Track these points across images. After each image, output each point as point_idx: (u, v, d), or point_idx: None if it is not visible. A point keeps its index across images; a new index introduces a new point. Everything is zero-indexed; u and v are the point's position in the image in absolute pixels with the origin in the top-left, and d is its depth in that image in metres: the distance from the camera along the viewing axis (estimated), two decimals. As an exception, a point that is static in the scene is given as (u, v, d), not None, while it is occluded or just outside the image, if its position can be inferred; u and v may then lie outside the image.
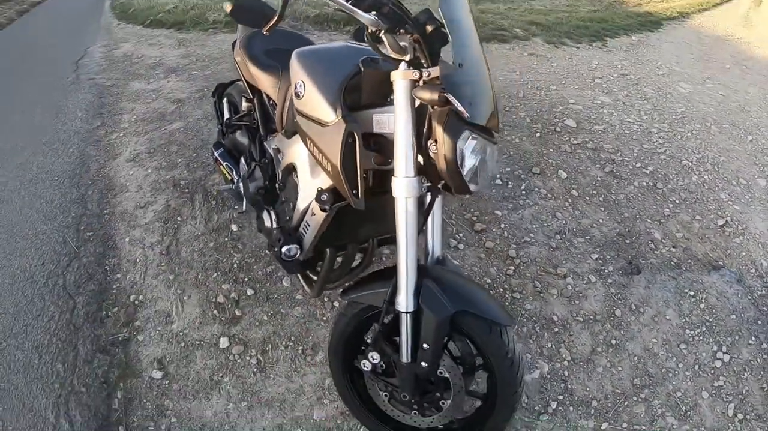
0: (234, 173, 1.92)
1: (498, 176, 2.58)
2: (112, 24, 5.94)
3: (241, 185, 1.80)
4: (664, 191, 2.52)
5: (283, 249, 1.31)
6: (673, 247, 2.17)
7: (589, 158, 2.75)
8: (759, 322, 1.87)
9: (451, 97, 0.91)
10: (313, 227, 1.26)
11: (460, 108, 0.91)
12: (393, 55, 1.00)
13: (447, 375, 1.18)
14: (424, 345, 1.10)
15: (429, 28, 0.95)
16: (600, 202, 2.43)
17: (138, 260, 2.09)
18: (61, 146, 2.95)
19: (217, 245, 2.14)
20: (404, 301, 1.09)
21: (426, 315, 1.08)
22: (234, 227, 2.22)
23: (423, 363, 1.11)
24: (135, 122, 3.27)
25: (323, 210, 1.19)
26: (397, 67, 1.02)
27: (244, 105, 1.94)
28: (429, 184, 1.10)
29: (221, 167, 2.01)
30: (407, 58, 1.00)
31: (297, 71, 1.25)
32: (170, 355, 1.68)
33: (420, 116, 1.02)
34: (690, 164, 2.78)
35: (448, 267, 1.24)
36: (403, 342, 1.12)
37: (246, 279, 1.97)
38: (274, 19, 0.98)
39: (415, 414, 1.26)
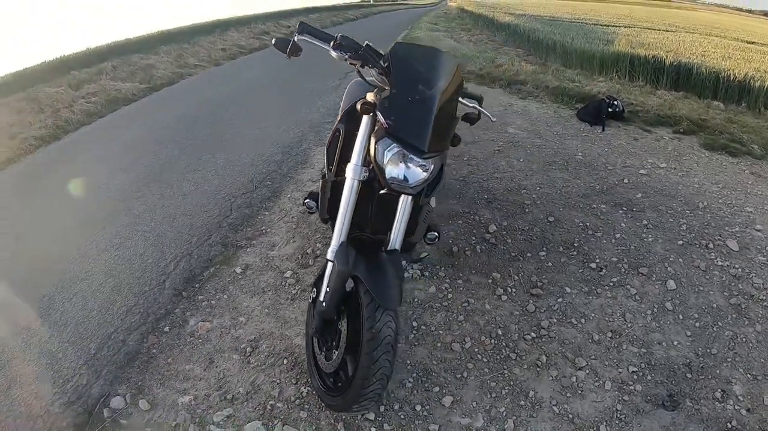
0: None
1: (596, 260, 2.48)
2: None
3: None
4: (793, 351, 1.97)
5: (305, 201, 1.86)
6: (747, 410, 1.75)
7: (723, 282, 2.33)
8: None
9: (378, 112, 1.31)
10: (321, 192, 1.77)
11: (381, 119, 1.30)
12: (377, 83, 1.45)
13: (341, 329, 1.52)
14: (327, 288, 1.47)
15: (387, 64, 1.37)
16: (693, 327, 2.09)
17: (284, 209, 2.96)
18: (293, 126, 4.21)
19: (337, 220, 2.83)
20: (330, 252, 1.48)
21: (333, 265, 1.45)
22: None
23: (324, 303, 1.49)
24: (354, 127, 4.32)
25: (321, 179, 1.71)
26: None
27: None
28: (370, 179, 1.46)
29: None
30: (386, 87, 1.42)
31: (346, 91, 1.81)
32: (254, 265, 2.44)
33: None
34: None
35: (389, 256, 1.49)
36: (323, 283, 1.51)
37: (333, 247, 2.59)
38: (288, 49, 1.53)
39: (320, 355, 1.63)
